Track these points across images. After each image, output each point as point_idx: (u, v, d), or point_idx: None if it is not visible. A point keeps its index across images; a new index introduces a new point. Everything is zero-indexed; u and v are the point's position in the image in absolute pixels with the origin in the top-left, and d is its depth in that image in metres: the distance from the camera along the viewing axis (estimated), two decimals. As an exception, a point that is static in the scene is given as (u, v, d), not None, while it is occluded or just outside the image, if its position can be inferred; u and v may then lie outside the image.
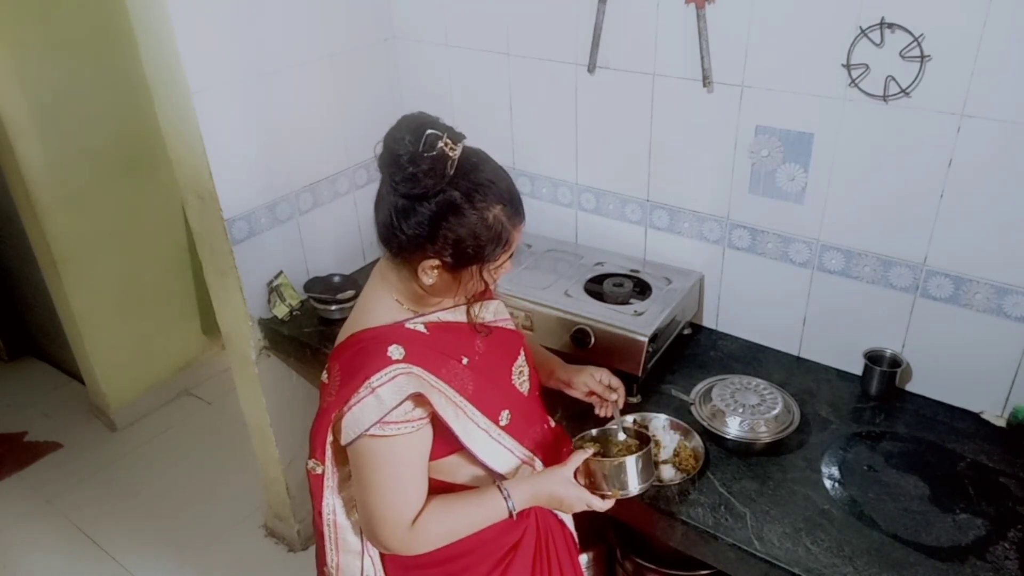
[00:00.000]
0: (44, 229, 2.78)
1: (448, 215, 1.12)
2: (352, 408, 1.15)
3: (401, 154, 1.09)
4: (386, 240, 1.19)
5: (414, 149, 1.09)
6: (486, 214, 1.14)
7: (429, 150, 1.09)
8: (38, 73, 2.63)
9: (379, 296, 1.25)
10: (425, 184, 1.10)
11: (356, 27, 2.15)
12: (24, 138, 2.65)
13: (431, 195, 1.11)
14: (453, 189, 1.11)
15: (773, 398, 1.60)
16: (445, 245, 1.14)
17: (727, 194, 1.80)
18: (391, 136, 1.12)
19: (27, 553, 2.60)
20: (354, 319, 1.27)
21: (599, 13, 1.79)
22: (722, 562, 1.41)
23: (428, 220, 1.12)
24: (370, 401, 1.14)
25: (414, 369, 1.17)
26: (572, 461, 1.30)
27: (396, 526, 1.20)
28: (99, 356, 3.04)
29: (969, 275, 1.55)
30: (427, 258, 1.16)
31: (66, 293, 2.89)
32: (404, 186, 1.11)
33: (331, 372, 1.22)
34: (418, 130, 1.10)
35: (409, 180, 1.10)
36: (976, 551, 1.32)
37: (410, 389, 1.15)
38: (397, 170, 1.10)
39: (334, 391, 1.20)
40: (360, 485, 1.21)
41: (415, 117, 1.14)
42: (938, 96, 1.45)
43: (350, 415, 1.16)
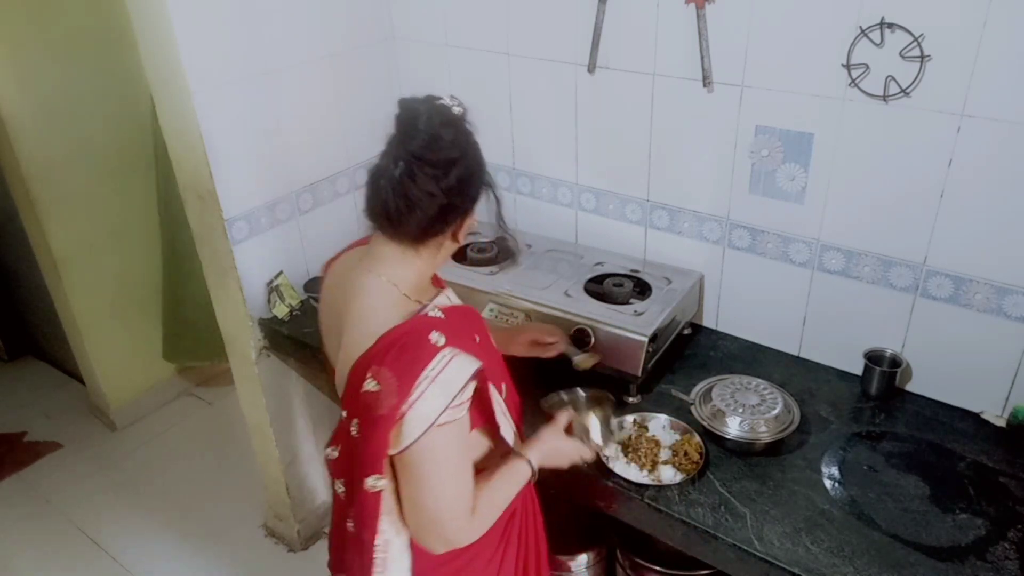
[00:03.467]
0: (44, 229, 2.78)
1: (476, 166, 1.19)
2: (415, 404, 1.11)
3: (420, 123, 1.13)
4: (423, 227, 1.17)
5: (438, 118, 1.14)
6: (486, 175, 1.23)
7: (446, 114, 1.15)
8: (38, 73, 2.63)
9: (382, 292, 1.21)
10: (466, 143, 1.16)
11: (356, 27, 2.15)
12: (24, 138, 2.65)
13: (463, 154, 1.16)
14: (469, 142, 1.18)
15: (773, 398, 1.60)
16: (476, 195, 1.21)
17: (727, 194, 1.80)
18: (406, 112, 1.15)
19: (27, 553, 2.60)
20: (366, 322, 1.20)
21: (599, 13, 1.79)
22: (722, 562, 1.41)
23: (469, 174, 1.18)
24: (433, 391, 1.12)
25: (460, 352, 1.16)
26: (561, 419, 1.43)
27: (462, 516, 1.20)
28: (99, 356, 3.04)
29: (969, 275, 1.55)
30: (468, 216, 1.21)
31: (66, 293, 2.89)
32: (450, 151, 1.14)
33: (379, 377, 1.14)
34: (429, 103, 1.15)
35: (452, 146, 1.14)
36: (976, 551, 1.32)
37: (472, 368, 1.15)
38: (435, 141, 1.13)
39: (393, 394, 1.12)
40: (423, 485, 1.17)
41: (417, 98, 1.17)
42: (938, 96, 1.45)
43: (413, 413, 1.12)
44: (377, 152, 1.18)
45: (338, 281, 1.30)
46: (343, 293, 1.26)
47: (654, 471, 1.51)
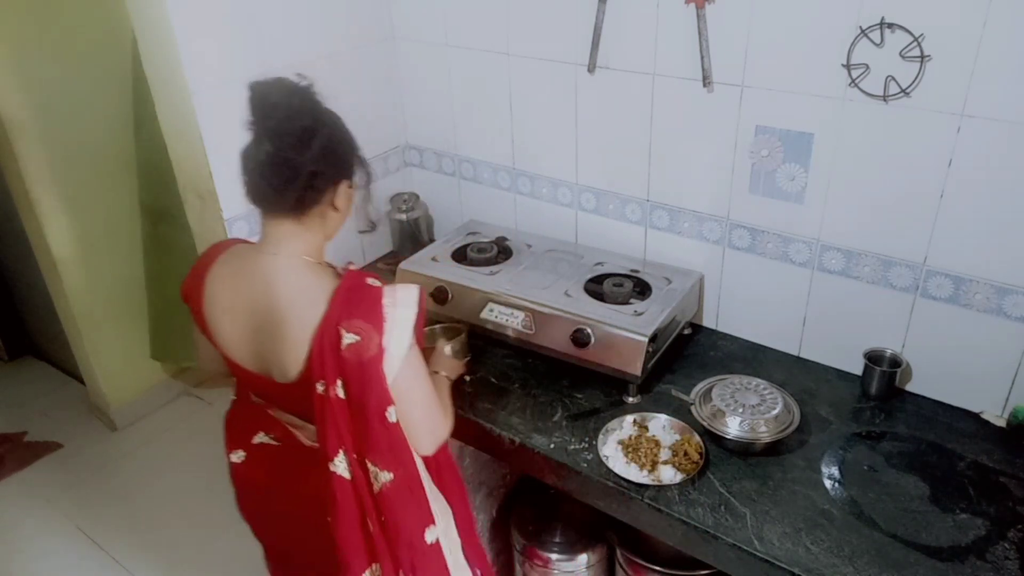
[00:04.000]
0: (44, 229, 2.78)
1: (338, 132, 1.28)
2: (392, 336, 1.23)
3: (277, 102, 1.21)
4: (298, 198, 1.25)
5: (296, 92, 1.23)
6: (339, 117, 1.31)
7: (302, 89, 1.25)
8: (38, 73, 2.63)
9: (301, 268, 1.29)
10: (316, 113, 1.23)
11: (356, 27, 2.15)
12: (24, 138, 2.65)
13: (320, 123, 1.24)
14: (326, 112, 1.27)
15: (773, 398, 1.60)
16: (345, 160, 1.29)
17: (727, 194, 1.80)
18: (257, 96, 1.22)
19: (27, 553, 2.60)
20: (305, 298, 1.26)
21: (599, 13, 1.79)
22: (722, 562, 1.41)
23: (332, 146, 1.25)
24: (398, 320, 1.24)
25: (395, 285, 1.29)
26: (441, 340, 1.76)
27: (443, 413, 1.38)
28: (99, 356, 3.04)
29: (969, 275, 1.55)
30: (341, 181, 1.29)
31: (66, 293, 2.89)
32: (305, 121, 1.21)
33: (354, 329, 1.21)
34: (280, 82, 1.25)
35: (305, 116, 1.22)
36: (976, 551, 1.32)
37: (415, 288, 1.28)
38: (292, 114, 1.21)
39: (374, 334, 1.22)
40: (416, 400, 1.30)
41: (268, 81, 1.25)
42: (938, 96, 1.45)
43: (394, 344, 1.23)
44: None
45: (232, 284, 1.33)
46: (252, 289, 1.30)
47: (654, 471, 1.51)
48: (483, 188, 2.28)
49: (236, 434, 1.49)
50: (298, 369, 1.27)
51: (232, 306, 1.32)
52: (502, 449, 1.66)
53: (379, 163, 2.30)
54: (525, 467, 1.66)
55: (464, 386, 1.78)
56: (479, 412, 1.70)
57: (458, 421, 1.70)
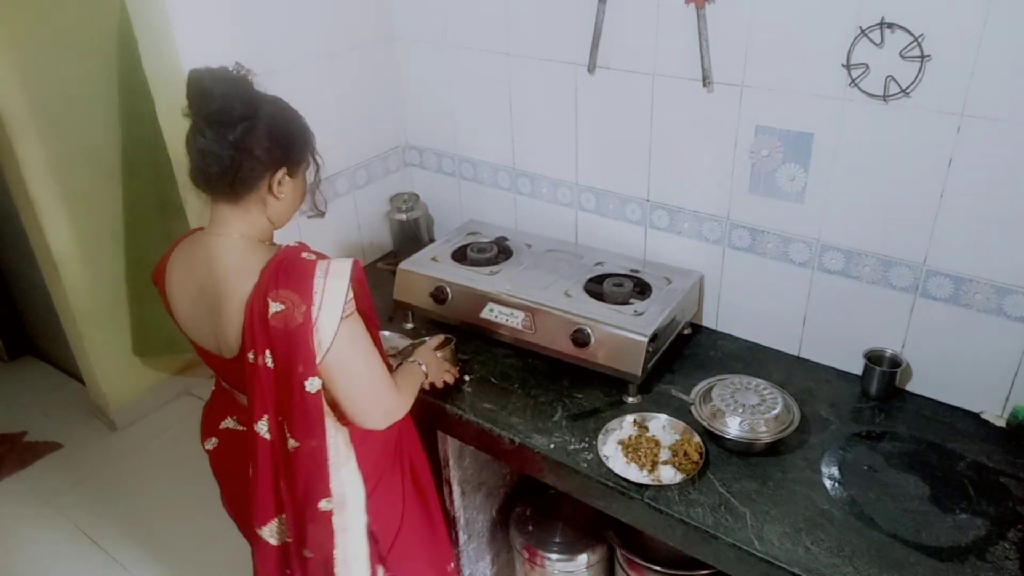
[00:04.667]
0: (44, 229, 2.78)
1: (278, 120, 1.31)
2: (322, 307, 1.25)
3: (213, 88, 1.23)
4: (231, 184, 1.29)
5: (221, 78, 1.24)
6: (294, 111, 1.36)
7: (231, 75, 1.26)
8: (38, 73, 2.63)
9: (241, 245, 1.33)
10: (246, 101, 1.25)
11: (356, 27, 2.15)
12: (24, 138, 2.65)
13: (255, 110, 1.26)
14: (267, 102, 1.30)
15: (773, 398, 1.60)
16: (283, 148, 1.31)
17: (727, 194, 1.80)
18: (192, 83, 1.24)
19: (27, 553, 2.60)
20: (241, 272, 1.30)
21: (599, 13, 1.79)
22: (722, 562, 1.41)
23: (267, 134, 1.28)
24: (330, 290, 1.26)
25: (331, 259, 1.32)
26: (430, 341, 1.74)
27: (393, 388, 1.40)
28: (99, 356, 3.04)
29: (969, 275, 1.55)
30: (276, 170, 1.32)
31: (66, 293, 2.89)
32: (237, 107, 1.24)
33: (280, 299, 1.26)
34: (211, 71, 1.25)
35: (237, 102, 1.24)
36: (976, 551, 1.32)
37: (348, 262, 1.30)
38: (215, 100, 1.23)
39: (300, 303, 1.25)
40: (355, 372, 1.32)
41: (201, 69, 1.26)
42: (938, 96, 1.45)
43: (323, 315, 1.25)
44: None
45: (186, 268, 1.39)
46: (199, 269, 1.36)
47: (654, 471, 1.51)
48: (483, 188, 2.28)
49: (208, 422, 1.57)
50: (238, 342, 1.32)
51: (186, 287, 1.39)
52: (502, 449, 1.66)
53: (379, 163, 2.30)
54: (525, 467, 1.66)
55: (464, 388, 1.78)
56: (479, 412, 1.70)
57: (458, 421, 1.71)
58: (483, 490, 2.06)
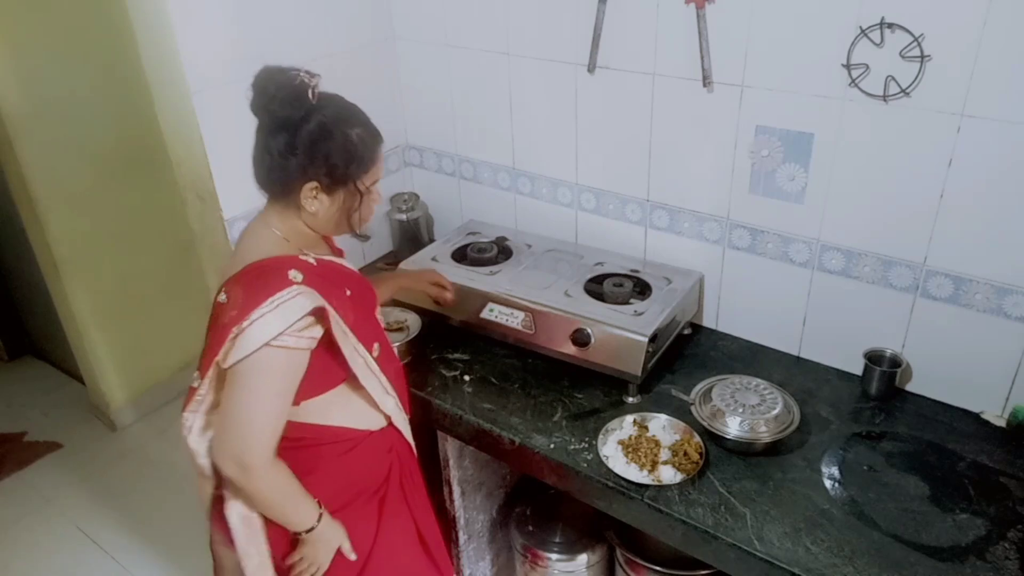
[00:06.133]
0: (44, 229, 2.78)
1: (318, 135, 1.28)
2: (255, 323, 1.22)
3: (268, 86, 1.25)
4: (267, 182, 1.34)
5: (280, 80, 1.26)
6: (350, 132, 1.31)
7: (291, 80, 1.26)
8: (38, 73, 2.63)
9: (266, 235, 1.35)
10: (293, 107, 1.26)
11: (356, 27, 2.15)
12: (24, 138, 2.65)
13: (302, 119, 1.27)
14: (320, 113, 1.29)
15: (773, 398, 1.60)
16: (321, 165, 1.29)
17: (727, 194, 1.80)
18: (258, 78, 1.27)
19: (27, 553, 2.60)
20: (243, 256, 1.33)
21: (599, 13, 1.78)
22: (722, 562, 1.41)
23: (303, 144, 1.27)
24: (273, 317, 1.22)
25: (312, 291, 1.27)
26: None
27: (267, 445, 1.26)
28: (99, 356, 3.04)
29: (969, 275, 1.55)
30: (307, 182, 1.30)
31: (66, 293, 2.89)
32: (279, 109, 1.25)
33: (230, 293, 1.28)
34: (279, 69, 1.28)
35: (280, 105, 1.25)
36: (976, 551, 1.32)
37: (311, 305, 1.26)
38: (268, 99, 1.25)
39: (236, 308, 1.24)
40: (241, 398, 1.25)
41: (274, 66, 1.29)
42: (938, 96, 1.45)
43: (251, 330, 1.22)
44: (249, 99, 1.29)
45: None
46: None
47: (654, 471, 1.51)
48: (483, 188, 2.28)
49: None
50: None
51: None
52: (502, 449, 1.66)
53: (379, 163, 2.30)
54: (525, 467, 1.66)
55: (464, 386, 1.78)
56: (479, 412, 1.70)
57: (458, 421, 1.71)
58: (483, 490, 2.06)
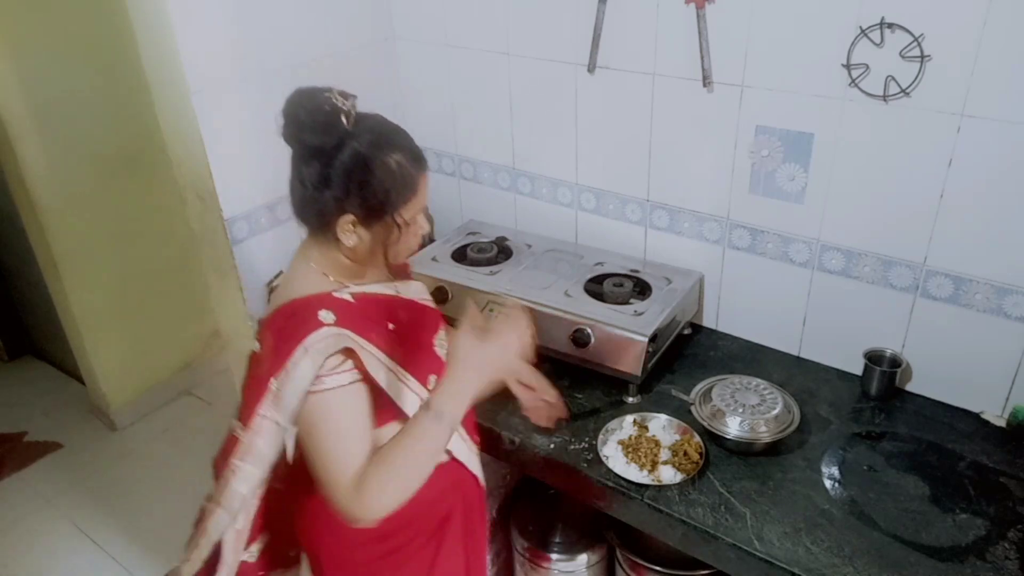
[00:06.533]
0: (44, 229, 2.78)
1: (354, 165, 1.18)
2: (291, 373, 1.16)
3: (298, 112, 1.16)
4: (303, 214, 1.25)
5: (311, 106, 1.16)
6: (388, 160, 1.19)
7: (323, 104, 1.16)
8: (38, 73, 2.63)
9: (304, 272, 1.28)
10: (327, 134, 1.16)
11: (356, 27, 2.15)
12: (24, 138, 2.65)
13: (335, 148, 1.17)
14: (355, 140, 1.18)
15: (773, 398, 1.60)
16: (356, 197, 1.19)
17: (727, 194, 1.80)
18: (288, 103, 1.18)
19: (27, 553, 2.60)
20: (279, 295, 1.29)
21: (599, 13, 1.78)
22: (722, 562, 1.41)
23: (337, 175, 1.18)
24: (306, 362, 1.16)
25: (344, 331, 1.19)
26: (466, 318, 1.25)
27: (343, 485, 1.15)
28: (99, 356, 3.04)
29: (969, 275, 1.55)
30: (343, 215, 1.20)
31: (66, 293, 2.89)
32: (310, 137, 1.16)
33: (263, 342, 1.23)
34: (310, 92, 1.18)
35: (311, 133, 1.16)
36: (976, 551, 1.32)
37: (339, 345, 1.18)
38: (298, 128, 1.16)
39: (268, 358, 1.20)
40: (311, 454, 1.19)
41: (306, 88, 1.19)
42: (938, 96, 1.45)
43: (291, 382, 1.16)
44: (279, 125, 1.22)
45: None
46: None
47: (654, 471, 1.51)
48: (483, 188, 2.28)
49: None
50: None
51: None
52: (502, 449, 1.66)
53: (379, 163, 2.30)
54: (525, 467, 1.66)
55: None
56: (479, 412, 1.70)
57: (458, 421, 1.70)
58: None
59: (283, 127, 1.19)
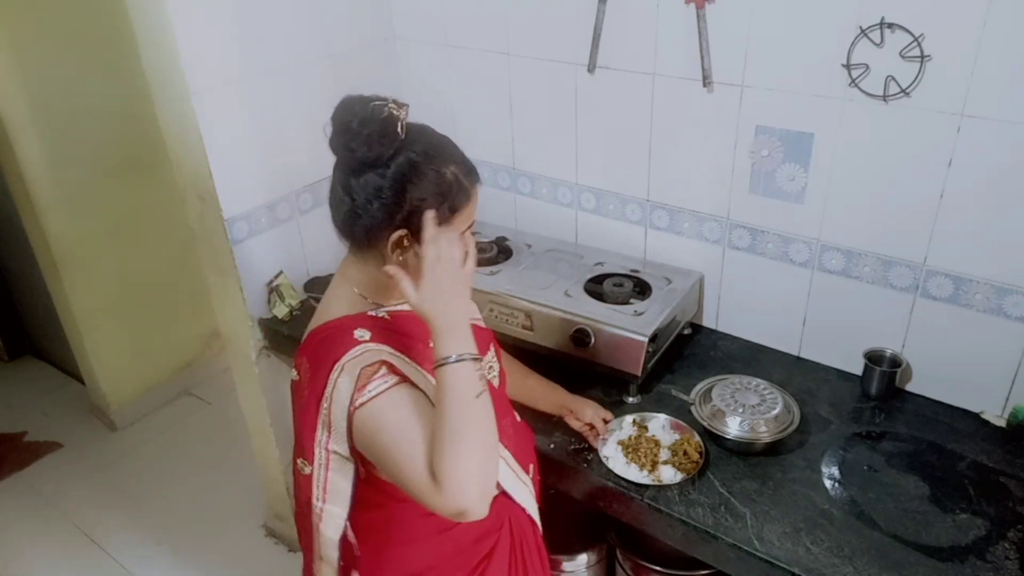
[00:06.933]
0: (44, 229, 2.78)
1: (409, 176, 1.12)
2: (332, 396, 1.12)
3: (351, 121, 1.10)
4: (349, 230, 1.17)
5: (364, 115, 1.10)
6: (443, 171, 1.15)
7: (378, 114, 1.10)
8: (38, 73, 2.63)
9: (341, 293, 1.23)
10: (381, 144, 1.10)
11: (356, 27, 2.15)
12: (24, 138, 2.65)
13: (388, 158, 1.11)
14: (409, 150, 1.13)
15: (773, 398, 1.60)
16: (410, 209, 1.12)
17: (727, 194, 1.80)
18: (338, 111, 1.13)
19: (27, 553, 2.60)
20: (316, 317, 1.24)
21: (599, 13, 1.78)
22: (722, 562, 1.41)
23: (390, 186, 1.12)
24: (343, 380, 1.11)
25: (381, 346, 1.15)
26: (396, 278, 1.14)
27: (423, 483, 1.07)
28: (99, 356, 3.04)
29: (969, 275, 1.55)
30: (396, 230, 1.13)
31: (66, 293, 2.89)
32: (361, 150, 1.10)
33: (300, 368, 1.19)
34: (362, 100, 1.12)
35: (365, 143, 1.10)
36: (976, 551, 1.32)
37: (376, 358, 1.12)
38: (351, 137, 1.10)
39: (307, 385, 1.16)
40: (382, 466, 1.13)
41: (356, 96, 1.14)
42: (938, 96, 1.45)
43: (335, 405, 1.11)
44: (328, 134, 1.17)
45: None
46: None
47: (654, 471, 1.51)
48: (483, 188, 2.26)
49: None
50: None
51: None
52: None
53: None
54: (525, 467, 1.66)
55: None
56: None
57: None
58: (483, 490, 2.05)
59: (332, 136, 1.13)
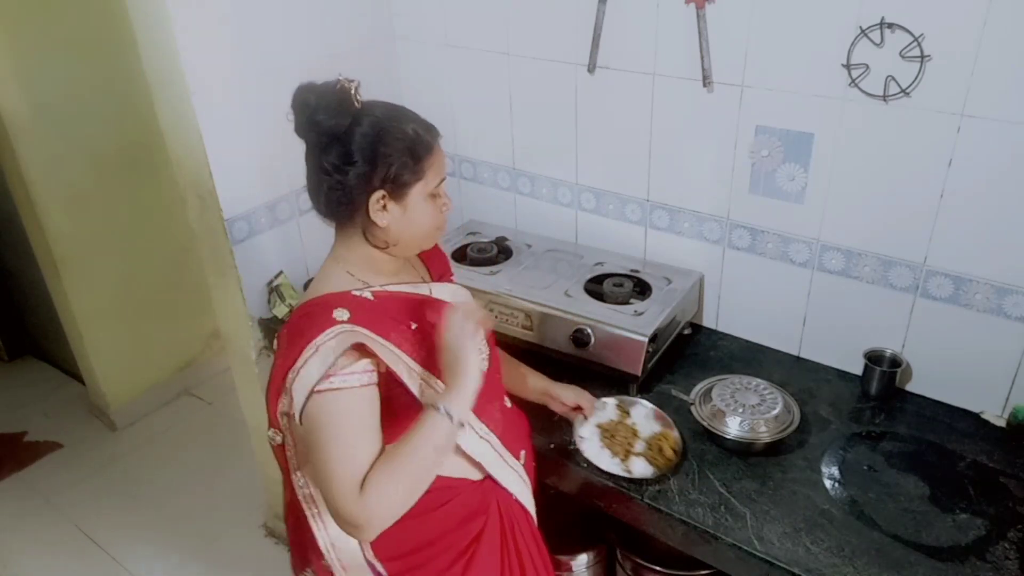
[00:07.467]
0: (44, 229, 2.78)
1: (374, 137, 1.19)
2: (299, 371, 1.15)
3: (308, 98, 1.17)
4: (329, 206, 1.24)
5: (319, 90, 1.18)
6: (405, 127, 1.22)
7: (332, 87, 1.19)
8: (38, 73, 2.63)
9: (329, 272, 1.28)
10: (340, 114, 1.17)
11: (356, 27, 2.15)
12: (24, 138, 2.65)
13: (352, 124, 1.18)
14: (368, 115, 1.20)
15: (773, 398, 1.60)
16: (383, 168, 1.19)
17: (727, 194, 1.80)
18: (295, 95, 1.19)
19: (27, 552, 2.60)
20: (305, 295, 1.29)
21: (599, 13, 1.78)
22: (722, 562, 1.41)
23: (359, 150, 1.18)
24: (314, 360, 1.14)
25: (356, 328, 1.17)
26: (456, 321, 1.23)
27: (346, 490, 1.11)
28: (99, 356, 3.04)
29: (969, 275, 1.55)
30: (373, 192, 1.20)
31: (66, 293, 2.89)
32: (325, 121, 1.16)
33: (279, 342, 1.23)
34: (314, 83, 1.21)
35: (325, 112, 1.16)
36: (976, 551, 1.32)
37: (350, 341, 1.15)
38: (312, 111, 1.17)
39: (281, 357, 1.20)
40: (312, 454, 1.16)
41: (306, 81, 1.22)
42: (938, 96, 1.45)
43: (298, 380, 1.15)
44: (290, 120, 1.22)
45: None
46: None
47: (626, 460, 1.50)
48: (483, 188, 2.28)
49: None
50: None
51: None
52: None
53: (379, 163, 2.30)
54: (525, 467, 1.66)
55: None
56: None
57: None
58: (483, 490, 2.06)
59: (296, 119, 1.19)
